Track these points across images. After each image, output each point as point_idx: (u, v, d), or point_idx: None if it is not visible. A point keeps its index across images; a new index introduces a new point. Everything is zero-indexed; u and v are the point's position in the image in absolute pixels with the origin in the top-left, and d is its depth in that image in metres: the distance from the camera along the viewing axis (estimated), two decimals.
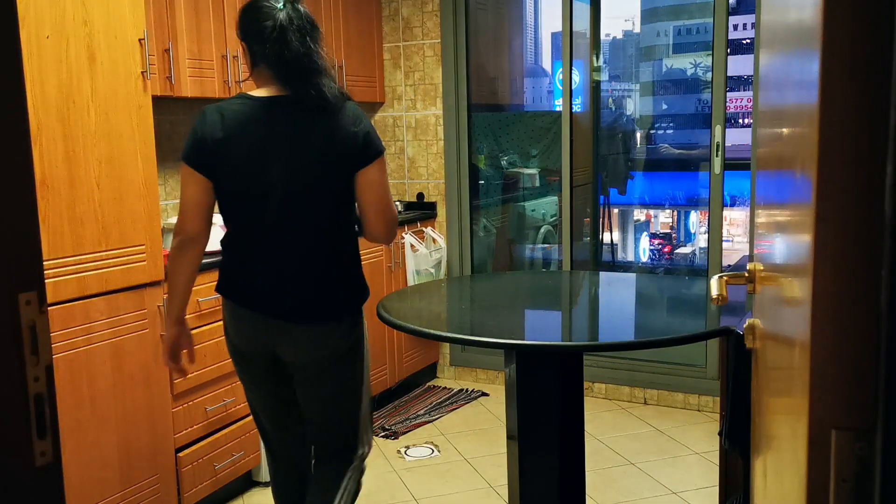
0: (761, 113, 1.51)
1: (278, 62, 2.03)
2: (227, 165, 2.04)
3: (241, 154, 2.03)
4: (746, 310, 2.02)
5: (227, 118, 2.04)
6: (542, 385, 2.33)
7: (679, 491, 3.14)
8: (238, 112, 2.05)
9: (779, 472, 1.09)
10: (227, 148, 2.03)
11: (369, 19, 4.29)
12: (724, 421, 2.04)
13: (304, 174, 2.05)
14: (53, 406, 0.91)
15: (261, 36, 2.03)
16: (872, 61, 0.77)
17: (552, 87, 5.96)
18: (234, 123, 2.03)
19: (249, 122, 2.04)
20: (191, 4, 3.09)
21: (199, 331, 2.88)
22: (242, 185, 2.05)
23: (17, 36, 0.88)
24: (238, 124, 2.03)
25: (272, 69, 2.05)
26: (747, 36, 7.57)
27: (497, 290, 3.00)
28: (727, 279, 1.50)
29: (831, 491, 0.82)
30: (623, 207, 7.63)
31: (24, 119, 0.90)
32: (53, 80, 2.32)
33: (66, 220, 2.38)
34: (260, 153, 2.03)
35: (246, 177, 2.04)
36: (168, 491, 2.78)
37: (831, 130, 0.80)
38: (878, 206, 0.78)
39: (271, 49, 2.02)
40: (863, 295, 0.79)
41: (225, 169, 2.04)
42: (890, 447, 0.79)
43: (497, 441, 3.62)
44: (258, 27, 2.03)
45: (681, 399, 4.01)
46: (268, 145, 2.03)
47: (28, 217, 0.90)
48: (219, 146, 2.02)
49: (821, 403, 0.83)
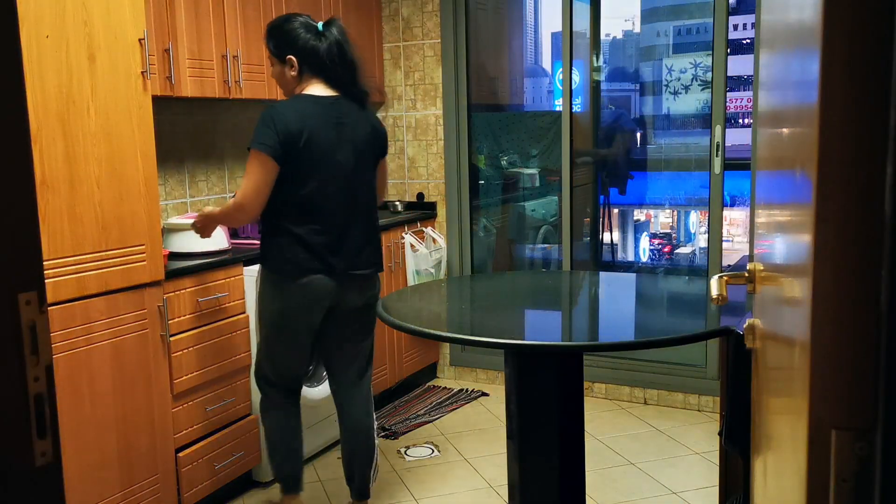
0: (761, 113, 1.51)
1: (334, 71, 2.60)
2: (308, 154, 2.50)
3: (321, 143, 2.52)
4: (746, 310, 2.02)
5: (303, 114, 2.51)
6: (542, 385, 2.33)
7: (679, 491, 3.14)
8: (311, 109, 2.54)
9: (779, 472, 1.09)
10: (309, 138, 2.50)
11: (369, 19, 4.29)
12: (724, 421, 2.03)
13: (361, 158, 2.64)
14: (53, 406, 0.91)
15: (315, 51, 2.58)
16: (872, 61, 0.77)
17: (552, 87, 5.96)
18: (310, 118, 2.51)
19: (321, 117, 2.54)
20: (191, 4, 3.09)
21: (199, 331, 2.88)
22: (321, 170, 2.53)
23: (17, 36, 0.88)
24: (314, 119, 2.52)
25: (326, 75, 2.60)
26: (747, 36, 7.58)
27: (497, 290, 3.00)
28: (727, 279, 1.50)
29: (831, 491, 0.82)
30: (623, 207, 7.62)
31: (24, 119, 0.90)
32: (53, 80, 2.32)
33: (66, 220, 2.38)
34: (332, 142, 2.55)
35: (322, 163, 2.53)
36: (168, 491, 2.78)
37: (831, 130, 0.80)
38: (878, 206, 0.78)
39: (330, 61, 2.58)
40: (863, 295, 0.79)
41: (304, 157, 2.50)
42: (890, 447, 0.79)
43: (497, 441, 3.62)
44: (311, 45, 2.58)
45: (681, 399, 4.01)
46: (339, 135, 2.57)
47: (28, 217, 0.90)
48: (299, 138, 2.48)
49: (821, 403, 0.83)
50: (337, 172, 2.56)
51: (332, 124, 2.56)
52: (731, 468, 2.26)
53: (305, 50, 2.58)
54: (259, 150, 2.46)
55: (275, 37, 2.63)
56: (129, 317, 2.60)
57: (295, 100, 2.57)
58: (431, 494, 3.18)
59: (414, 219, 4.26)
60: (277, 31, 2.63)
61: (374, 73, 4.36)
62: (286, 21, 2.64)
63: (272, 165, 2.47)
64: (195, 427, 2.89)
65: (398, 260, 4.09)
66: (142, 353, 2.65)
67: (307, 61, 2.59)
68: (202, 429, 2.93)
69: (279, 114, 2.48)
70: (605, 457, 3.47)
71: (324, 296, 2.62)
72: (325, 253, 2.57)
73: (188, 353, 2.83)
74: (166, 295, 2.73)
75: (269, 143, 2.45)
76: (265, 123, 2.47)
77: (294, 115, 2.49)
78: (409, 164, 4.52)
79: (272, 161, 2.46)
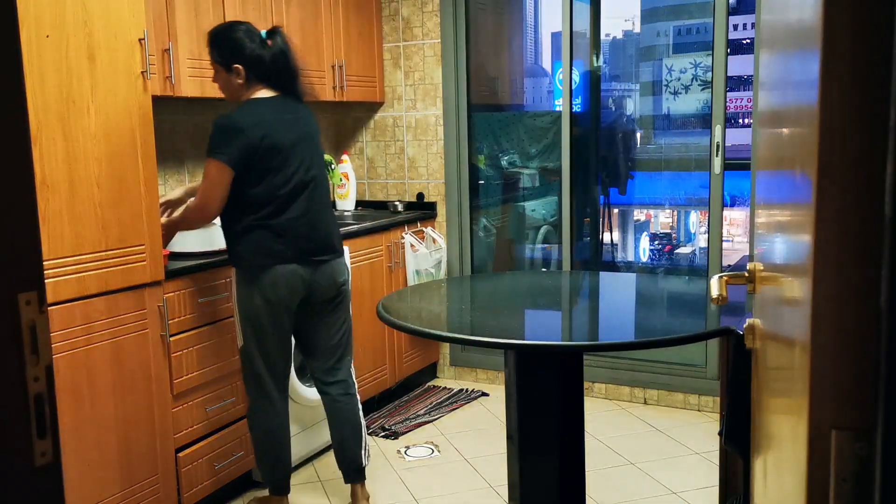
0: (761, 113, 1.51)
1: (279, 79, 2.72)
2: (270, 154, 2.64)
3: (281, 142, 2.65)
4: (746, 310, 2.02)
5: (260, 119, 2.63)
6: (542, 385, 2.33)
7: (679, 491, 3.14)
8: (266, 113, 2.67)
9: (779, 472, 1.09)
10: (270, 141, 2.63)
11: (369, 19, 4.29)
12: (724, 421, 2.03)
13: (316, 149, 2.80)
14: (53, 406, 0.91)
15: (262, 60, 2.68)
16: (872, 61, 0.77)
17: (552, 87, 5.96)
18: (267, 122, 2.64)
19: (276, 118, 2.67)
20: (191, 4, 3.09)
21: (199, 331, 2.88)
22: (284, 166, 2.66)
23: (17, 36, 0.88)
24: (270, 121, 2.65)
25: (271, 82, 2.72)
26: (747, 36, 7.57)
27: (497, 290, 3.00)
28: (727, 279, 1.50)
29: (831, 491, 0.82)
30: (623, 207, 7.62)
31: (24, 119, 0.90)
32: (53, 80, 2.32)
33: (66, 220, 2.37)
34: (290, 139, 2.68)
35: (285, 160, 2.66)
36: (168, 491, 2.78)
37: (831, 130, 0.80)
38: (878, 206, 0.78)
39: (275, 70, 2.70)
40: (863, 295, 0.79)
41: (266, 158, 2.63)
42: (890, 447, 0.79)
43: (497, 441, 3.62)
44: (257, 54, 2.68)
45: (681, 399, 4.01)
46: (294, 131, 2.71)
47: (28, 217, 0.90)
48: (259, 143, 2.61)
49: (821, 403, 0.83)
50: (299, 166, 2.70)
51: (287, 122, 2.70)
52: (731, 468, 2.25)
53: (252, 59, 2.68)
54: (217, 159, 2.59)
55: (219, 46, 2.71)
56: (129, 317, 2.60)
57: (249, 105, 2.68)
58: (431, 494, 3.18)
59: (414, 219, 4.26)
60: (221, 39, 2.71)
61: (373, 72, 4.36)
62: (229, 29, 2.72)
63: (229, 172, 2.60)
64: (195, 427, 2.89)
65: (398, 260, 4.09)
66: (142, 353, 2.65)
67: (254, 70, 2.69)
68: (202, 429, 2.93)
69: (236, 123, 2.60)
70: (605, 457, 3.47)
71: (298, 282, 2.72)
72: (295, 241, 2.69)
73: (188, 353, 2.83)
74: (166, 295, 2.73)
75: (227, 153, 2.58)
76: (223, 132, 2.60)
77: (251, 122, 2.61)
78: (409, 164, 4.52)
79: (229, 169, 2.59)
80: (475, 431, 3.80)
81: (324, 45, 3.88)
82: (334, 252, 2.82)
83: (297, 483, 3.24)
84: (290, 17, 3.64)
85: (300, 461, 3.40)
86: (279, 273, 2.68)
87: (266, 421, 2.86)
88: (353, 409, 2.95)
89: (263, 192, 2.65)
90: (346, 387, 2.95)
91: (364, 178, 4.64)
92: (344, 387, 2.94)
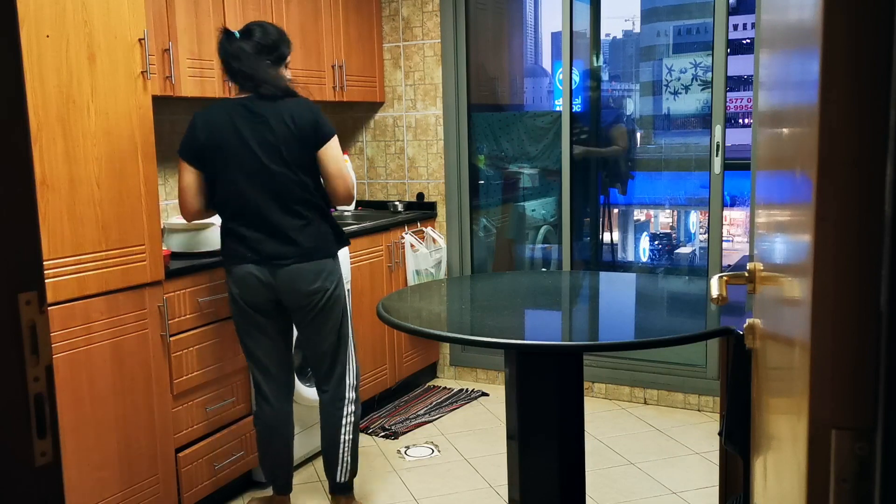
0: (761, 113, 1.51)
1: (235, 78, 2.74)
2: (221, 155, 2.67)
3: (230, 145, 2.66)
4: (746, 310, 2.02)
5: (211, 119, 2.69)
6: (542, 385, 2.33)
7: (679, 491, 3.14)
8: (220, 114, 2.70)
9: (779, 472, 1.09)
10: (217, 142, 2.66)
11: (369, 19, 4.29)
12: (724, 421, 2.03)
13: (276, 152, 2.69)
14: (53, 406, 0.91)
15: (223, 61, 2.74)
16: (872, 61, 0.77)
17: (552, 87, 5.96)
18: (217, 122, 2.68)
19: (230, 119, 2.68)
20: (191, 4, 3.08)
21: (199, 331, 2.88)
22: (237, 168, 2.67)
23: (17, 36, 0.88)
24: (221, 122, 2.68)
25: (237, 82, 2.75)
26: (747, 36, 7.57)
27: (497, 290, 3.00)
28: (727, 279, 1.50)
29: (831, 491, 0.82)
30: (623, 207, 7.62)
31: (24, 119, 0.90)
32: (53, 80, 2.32)
33: (66, 220, 2.37)
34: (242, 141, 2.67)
35: (236, 162, 2.67)
36: (168, 491, 2.78)
37: (831, 130, 0.80)
38: (878, 206, 0.78)
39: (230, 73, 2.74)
40: (863, 295, 0.79)
41: (217, 158, 2.67)
42: (890, 447, 0.79)
43: (497, 441, 3.62)
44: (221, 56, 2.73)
45: (681, 399, 4.01)
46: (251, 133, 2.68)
47: (28, 217, 0.90)
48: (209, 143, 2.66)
49: (821, 403, 0.83)
50: (251, 169, 2.67)
51: (246, 123, 2.67)
52: (731, 468, 2.25)
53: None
54: (179, 154, 2.72)
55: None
56: (130, 317, 2.60)
57: (214, 105, 2.75)
58: (431, 494, 3.18)
59: (414, 219, 4.26)
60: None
61: (373, 72, 4.36)
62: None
63: (186, 167, 2.70)
64: (195, 427, 2.89)
65: (398, 260, 4.09)
66: (142, 353, 2.65)
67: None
68: (202, 429, 2.93)
69: (193, 121, 2.71)
70: (605, 457, 3.47)
71: (255, 282, 2.73)
72: (252, 243, 2.71)
73: (188, 353, 2.83)
74: (166, 295, 2.73)
75: (182, 149, 2.71)
76: (187, 129, 2.72)
77: (202, 121, 2.69)
78: (409, 164, 4.52)
79: (185, 164, 2.70)
80: (475, 431, 3.80)
81: (324, 45, 3.88)
82: (297, 256, 2.71)
83: (298, 483, 3.24)
84: (290, 17, 3.63)
85: (300, 461, 3.40)
86: (238, 273, 2.73)
87: (263, 419, 2.88)
88: (335, 423, 2.90)
89: (221, 193, 2.72)
90: (334, 399, 2.90)
91: (364, 178, 4.64)
92: (331, 398, 2.90)
